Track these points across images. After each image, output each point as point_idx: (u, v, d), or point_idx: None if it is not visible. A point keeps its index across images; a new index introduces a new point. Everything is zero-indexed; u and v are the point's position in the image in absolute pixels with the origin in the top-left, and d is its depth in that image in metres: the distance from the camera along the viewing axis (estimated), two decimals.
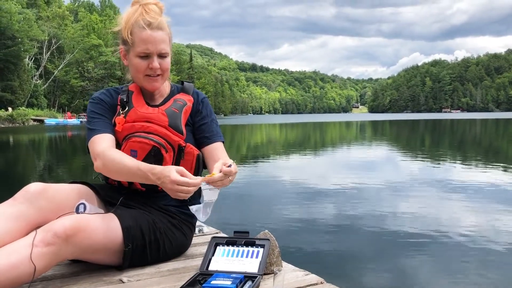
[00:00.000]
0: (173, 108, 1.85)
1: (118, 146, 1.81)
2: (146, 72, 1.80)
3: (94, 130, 1.80)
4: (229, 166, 1.59)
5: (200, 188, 1.60)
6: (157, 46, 1.76)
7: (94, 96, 1.92)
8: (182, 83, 2.00)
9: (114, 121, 1.83)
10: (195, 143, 1.89)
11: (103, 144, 1.75)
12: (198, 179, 1.56)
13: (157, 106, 1.87)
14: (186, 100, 1.91)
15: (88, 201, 1.74)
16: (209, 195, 1.62)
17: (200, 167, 1.89)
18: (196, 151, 1.85)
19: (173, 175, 1.53)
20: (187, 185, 1.53)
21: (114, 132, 1.83)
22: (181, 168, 1.57)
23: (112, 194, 1.83)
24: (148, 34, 1.74)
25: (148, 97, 1.91)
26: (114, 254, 1.68)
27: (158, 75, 1.81)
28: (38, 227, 1.58)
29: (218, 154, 1.86)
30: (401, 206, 5.62)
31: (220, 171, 1.57)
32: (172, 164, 1.80)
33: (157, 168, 1.60)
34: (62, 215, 1.61)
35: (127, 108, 1.84)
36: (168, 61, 1.82)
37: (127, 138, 1.80)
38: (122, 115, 1.82)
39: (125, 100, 1.86)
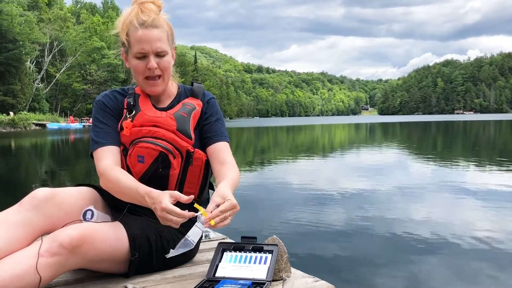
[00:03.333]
0: (181, 112, 1.83)
1: (126, 151, 1.82)
2: (145, 74, 1.78)
3: (97, 142, 1.80)
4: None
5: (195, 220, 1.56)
6: (152, 45, 1.74)
7: (98, 99, 1.90)
8: (192, 84, 1.98)
9: (121, 125, 1.82)
10: (202, 146, 1.88)
11: (105, 161, 1.76)
12: (186, 213, 1.52)
13: (165, 108, 1.86)
14: (195, 104, 1.89)
15: (95, 206, 1.74)
16: (195, 234, 1.56)
17: (208, 173, 1.89)
18: (204, 156, 1.85)
19: (164, 202, 1.53)
20: (176, 216, 1.52)
21: (118, 140, 1.82)
22: (176, 193, 1.56)
23: (118, 199, 1.84)
24: (142, 33, 1.72)
25: (155, 99, 1.90)
26: (120, 263, 1.69)
27: (159, 76, 1.79)
28: (45, 233, 1.60)
29: (222, 156, 1.84)
30: (413, 210, 5.60)
31: (218, 206, 1.53)
32: (180, 170, 1.80)
33: (154, 192, 1.59)
34: (68, 223, 1.62)
35: (134, 112, 1.83)
36: (167, 59, 1.79)
37: (134, 143, 1.79)
38: (129, 119, 1.81)
39: (132, 103, 1.85)
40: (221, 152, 1.85)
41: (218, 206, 1.53)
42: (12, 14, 54.25)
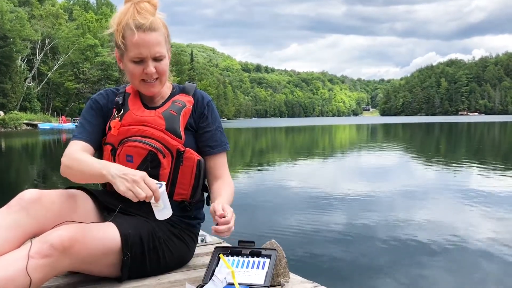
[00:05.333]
0: (170, 111, 1.84)
1: (114, 150, 1.82)
2: (142, 77, 1.79)
3: (74, 136, 1.84)
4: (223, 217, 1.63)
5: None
6: (150, 49, 1.73)
7: (92, 97, 1.94)
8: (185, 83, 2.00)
9: (109, 124, 1.84)
10: (197, 150, 1.89)
11: (73, 147, 1.78)
12: (156, 192, 1.56)
13: (156, 107, 1.87)
14: (186, 101, 1.89)
15: (85, 207, 1.75)
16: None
17: (201, 173, 1.87)
18: (196, 157, 1.85)
19: (145, 173, 1.57)
20: (148, 190, 1.53)
21: (94, 139, 1.83)
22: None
23: (111, 200, 1.83)
24: (140, 37, 1.71)
25: (147, 99, 1.91)
26: (113, 265, 1.69)
27: (155, 79, 1.80)
28: (34, 235, 1.59)
29: (220, 171, 1.91)
30: (415, 214, 5.61)
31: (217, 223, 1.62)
32: (170, 170, 1.80)
33: (123, 166, 1.63)
34: (58, 225, 1.62)
35: (122, 111, 1.84)
36: (164, 63, 1.80)
37: (122, 142, 1.80)
38: (117, 118, 1.83)
39: (120, 102, 1.87)
40: (217, 167, 1.92)
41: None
42: (2, 10, 54.19)
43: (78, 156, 1.73)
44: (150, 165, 1.77)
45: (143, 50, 1.73)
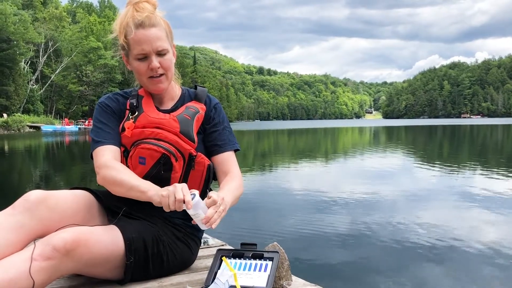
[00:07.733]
0: (185, 115, 1.85)
1: (127, 152, 1.83)
2: (148, 74, 1.80)
3: (97, 141, 1.81)
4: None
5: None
6: (152, 44, 1.76)
7: (100, 101, 1.93)
8: (196, 87, 2.00)
9: (123, 126, 1.84)
10: (206, 151, 1.90)
11: (105, 156, 1.77)
12: (189, 204, 1.53)
13: (168, 110, 1.88)
14: (199, 108, 1.91)
15: (90, 208, 1.76)
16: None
17: (210, 178, 1.89)
18: (207, 161, 1.86)
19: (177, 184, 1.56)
20: (181, 199, 1.52)
21: (118, 141, 1.84)
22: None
23: (115, 202, 1.83)
24: (140, 34, 1.75)
25: (158, 101, 1.91)
26: (116, 268, 1.68)
27: (161, 74, 1.81)
28: (39, 237, 1.60)
29: (227, 166, 1.89)
30: (418, 217, 5.59)
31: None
32: (181, 174, 1.81)
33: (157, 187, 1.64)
34: (62, 227, 1.62)
35: (136, 113, 1.85)
36: (168, 58, 1.82)
37: (136, 144, 1.80)
38: (131, 119, 1.83)
39: (134, 104, 1.87)
40: (226, 163, 1.90)
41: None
42: (6, 13, 54.27)
43: (117, 169, 1.73)
44: (163, 168, 1.77)
45: (145, 46, 1.76)
